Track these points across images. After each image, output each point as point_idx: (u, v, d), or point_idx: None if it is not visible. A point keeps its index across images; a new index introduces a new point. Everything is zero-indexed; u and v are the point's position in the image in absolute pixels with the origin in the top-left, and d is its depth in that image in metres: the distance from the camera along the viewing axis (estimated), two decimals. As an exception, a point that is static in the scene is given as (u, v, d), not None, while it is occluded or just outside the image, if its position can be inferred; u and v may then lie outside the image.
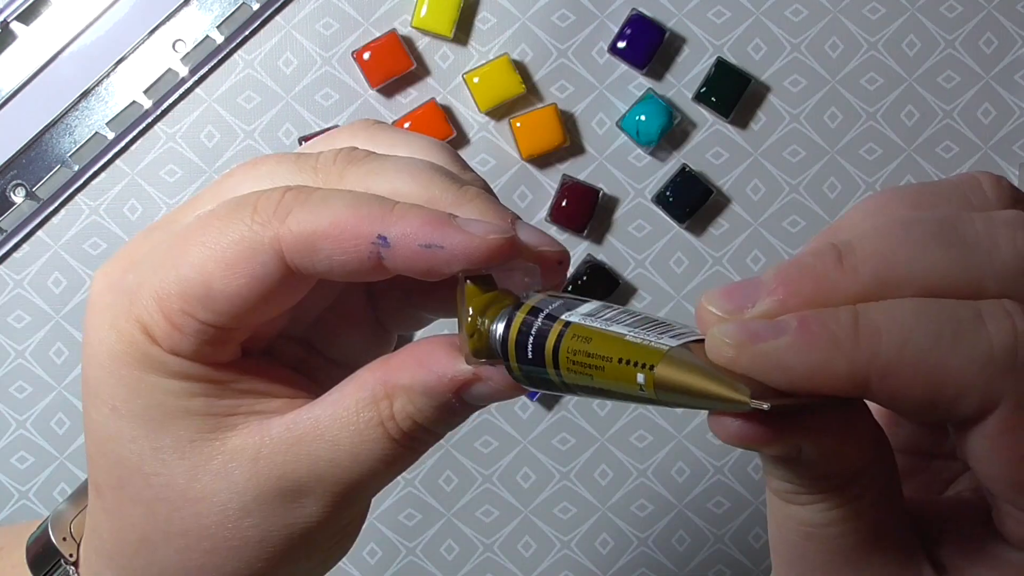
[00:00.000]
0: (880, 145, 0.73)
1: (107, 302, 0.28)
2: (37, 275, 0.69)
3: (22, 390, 0.69)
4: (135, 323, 0.28)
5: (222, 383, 0.29)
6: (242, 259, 0.27)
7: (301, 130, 0.69)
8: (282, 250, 0.26)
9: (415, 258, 0.26)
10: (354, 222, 0.26)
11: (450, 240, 0.26)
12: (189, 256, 0.27)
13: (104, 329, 0.28)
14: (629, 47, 0.69)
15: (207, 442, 0.28)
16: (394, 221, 0.26)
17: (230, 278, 0.27)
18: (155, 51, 0.68)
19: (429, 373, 0.27)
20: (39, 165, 0.68)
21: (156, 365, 0.28)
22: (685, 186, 0.70)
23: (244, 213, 0.27)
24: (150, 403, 0.28)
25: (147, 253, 0.28)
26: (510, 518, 0.73)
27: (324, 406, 0.28)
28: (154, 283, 0.27)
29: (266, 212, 0.27)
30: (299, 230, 0.26)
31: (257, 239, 0.26)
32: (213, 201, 0.28)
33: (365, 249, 0.26)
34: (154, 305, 0.27)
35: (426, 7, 0.68)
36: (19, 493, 0.70)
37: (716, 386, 0.22)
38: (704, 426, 0.73)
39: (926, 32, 0.72)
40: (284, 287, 0.27)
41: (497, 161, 0.71)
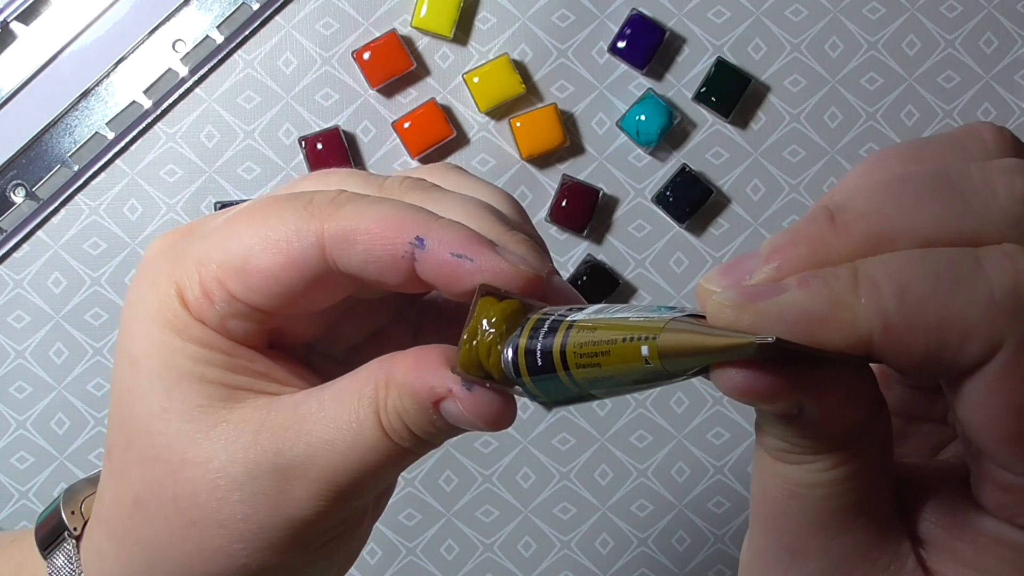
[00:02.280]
0: (880, 145, 0.73)
1: (155, 263, 0.29)
2: (37, 275, 0.69)
3: (22, 390, 0.69)
4: (173, 284, 0.28)
5: (240, 359, 0.29)
6: (284, 240, 0.27)
7: (301, 130, 0.69)
8: (324, 240, 0.27)
9: (444, 265, 0.26)
10: (396, 222, 0.27)
11: (482, 257, 0.26)
12: (237, 229, 0.28)
13: (144, 285, 0.29)
14: (629, 47, 0.69)
15: (215, 409, 0.28)
16: (435, 228, 0.27)
17: (268, 255, 0.27)
18: (155, 51, 0.68)
19: (417, 376, 0.27)
20: (39, 165, 0.68)
21: (181, 327, 0.28)
22: (685, 186, 0.70)
23: (299, 202, 0.28)
24: (168, 362, 0.28)
25: (201, 226, 0.29)
26: (510, 518, 0.73)
27: (331, 388, 0.28)
28: (200, 249, 0.28)
29: (319, 205, 0.27)
30: (344, 223, 0.27)
31: (303, 225, 0.27)
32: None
33: (401, 247, 0.27)
34: (193, 269, 0.28)
35: (426, 7, 0.68)
36: (19, 493, 0.70)
37: (719, 337, 0.22)
38: (704, 426, 0.74)
39: (926, 32, 0.72)
40: (319, 280, 0.28)
41: (497, 161, 0.71)
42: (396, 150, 0.70)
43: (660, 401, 0.73)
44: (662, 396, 0.73)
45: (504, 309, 0.26)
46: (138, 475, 0.29)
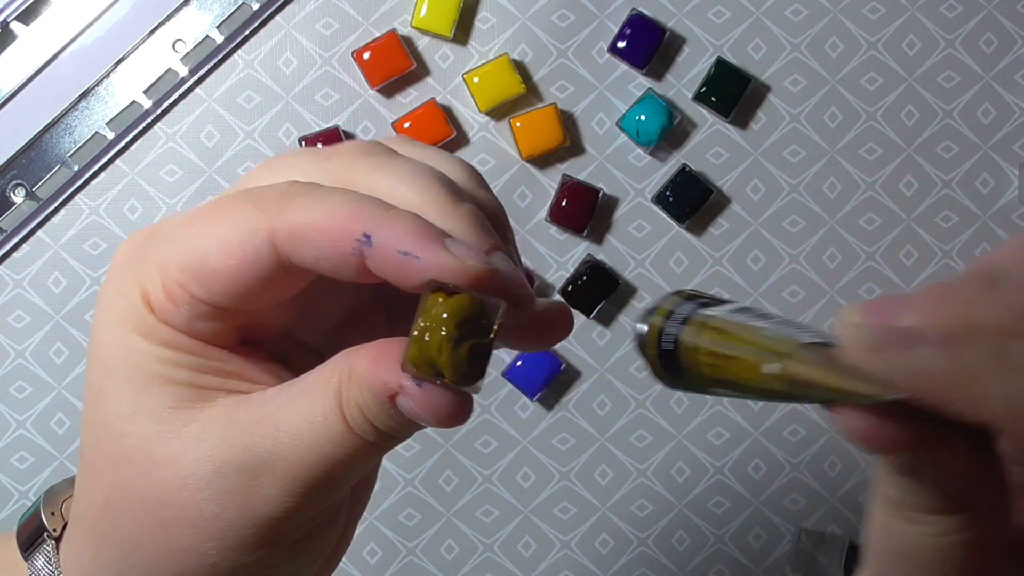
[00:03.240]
0: (880, 145, 0.73)
1: (121, 267, 0.30)
2: (37, 275, 0.69)
3: (22, 390, 0.69)
4: (138, 288, 0.29)
5: (211, 360, 0.29)
6: (237, 242, 0.27)
7: (301, 130, 0.69)
8: (275, 238, 0.27)
9: (392, 262, 0.26)
10: (345, 218, 0.26)
11: (428, 253, 0.26)
12: (193, 232, 0.28)
13: (112, 289, 0.29)
14: (629, 47, 0.69)
15: (184, 410, 0.29)
16: (382, 223, 0.26)
17: (223, 258, 0.27)
18: (155, 51, 0.68)
19: (375, 370, 0.27)
20: (39, 165, 0.68)
21: (148, 330, 0.29)
22: (685, 186, 0.70)
23: (250, 200, 0.28)
24: (137, 365, 0.29)
25: (163, 228, 0.29)
26: (510, 518, 0.73)
27: (299, 384, 0.29)
28: (160, 252, 0.28)
29: (269, 201, 0.27)
30: (294, 220, 0.27)
31: (255, 225, 0.27)
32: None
33: (349, 245, 0.26)
34: (155, 273, 0.28)
35: (426, 7, 0.68)
36: (19, 493, 0.70)
37: (848, 379, 0.22)
38: (704, 426, 0.74)
39: (926, 32, 0.72)
40: (276, 276, 0.28)
41: (497, 161, 0.71)
42: (396, 150, 0.70)
43: (660, 401, 0.73)
44: (662, 396, 0.73)
45: (454, 305, 0.26)
46: (108, 476, 0.29)
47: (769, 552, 0.75)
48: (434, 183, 0.28)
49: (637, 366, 0.73)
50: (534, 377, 0.71)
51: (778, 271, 0.73)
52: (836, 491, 0.75)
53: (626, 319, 0.73)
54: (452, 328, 0.26)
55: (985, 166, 0.73)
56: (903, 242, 0.73)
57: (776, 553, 0.75)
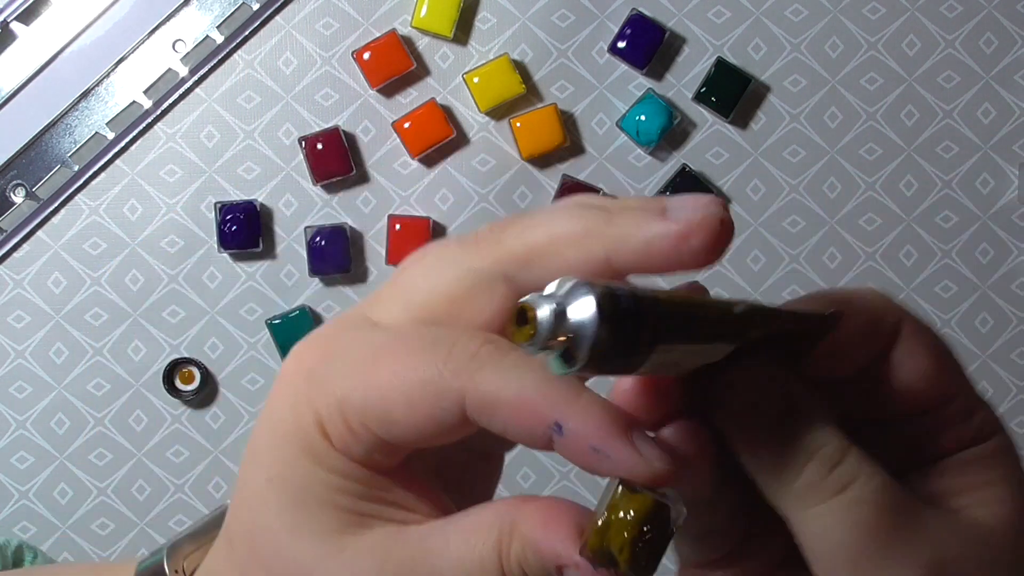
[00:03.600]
0: (880, 145, 0.73)
1: (294, 384, 0.30)
2: (37, 275, 0.69)
3: (22, 390, 0.69)
4: (313, 414, 0.29)
5: (374, 488, 0.30)
6: (426, 401, 0.28)
7: (301, 130, 0.69)
8: (464, 402, 0.28)
9: (582, 454, 0.27)
10: (537, 402, 0.27)
11: (618, 453, 0.27)
12: (378, 378, 0.28)
13: (285, 408, 0.30)
14: (629, 47, 0.69)
15: (344, 535, 0.30)
16: (574, 414, 0.27)
17: (410, 414, 0.28)
18: (155, 51, 0.68)
19: (545, 537, 0.28)
20: (39, 165, 0.68)
21: (320, 456, 0.29)
22: (685, 186, 0.70)
23: (438, 355, 0.28)
24: (303, 486, 0.30)
25: (342, 352, 0.30)
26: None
27: (456, 524, 0.29)
28: (341, 388, 0.29)
29: (459, 361, 0.28)
30: (485, 390, 0.27)
31: (445, 386, 0.28)
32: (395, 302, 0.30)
33: (540, 431, 0.27)
34: (336, 407, 0.29)
35: (426, 7, 0.68)
36: (19, 493, 0.70)
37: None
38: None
39: (926, 32, 0.72)
40: (457, 429, 0.29)
41: (497, 161, 0.71)
42: (396, 150, 0.70)
43: (660, 401, 0.73)
44: (662, 396, 0.73)
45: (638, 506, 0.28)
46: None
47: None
48: (584, 208, 0.29)
49: (637, 366, 0.73)
50: (534, 377, 0.71)
51: (778, 271, 0.73)
52: (836, 491, 0.75)
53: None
54: (635, 528, 0.27)
55: (985, 166, 0.73)
56: (903, 242, 0.73)
57: (776, 553, 0.75)
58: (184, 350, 0.70)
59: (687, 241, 0.27)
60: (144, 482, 0.71)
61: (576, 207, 0.28)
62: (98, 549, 0.71)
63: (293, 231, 0.70)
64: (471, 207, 0.71)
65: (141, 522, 0.71)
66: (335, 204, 0.70)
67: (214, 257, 0.70)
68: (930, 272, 0.74)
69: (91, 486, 0.70)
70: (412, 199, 0.71)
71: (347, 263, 0.69)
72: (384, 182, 0.70)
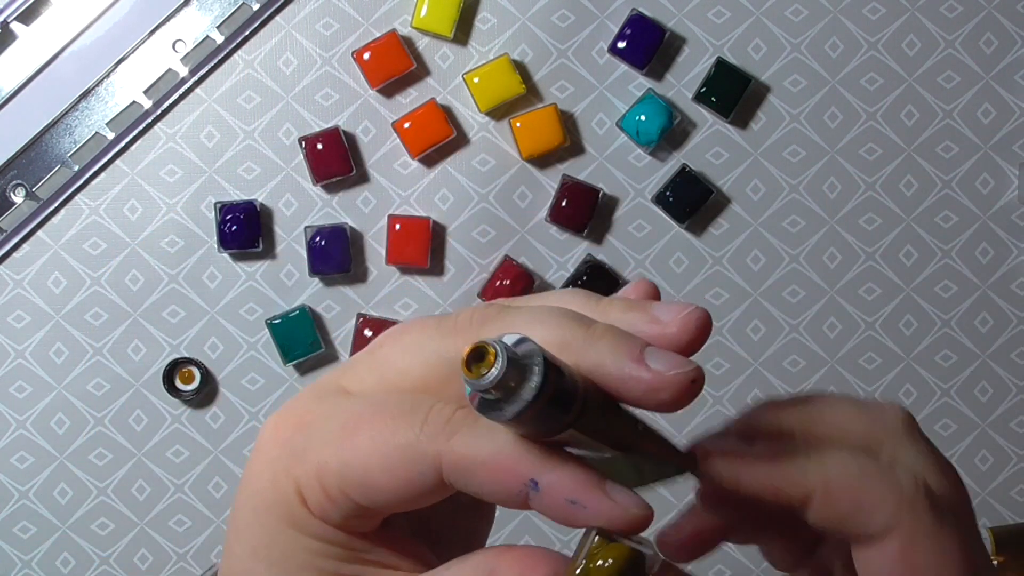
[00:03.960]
0: (880, 145, 0.73)
1: (272, 455, 0.31)
2: (37, 275, 0.69)
3: (22, 390, 0.69)
4: (292, 483, 0.30)
5: (354, 550, 0.31)
6: (403, 465, 0.29)
7: (301, 130, 0.69)
8: (441, 466, 0.29)
9: (558, 508, 0.29)
10: (512, 462, 0.28)
11: (594, 504, 0.28)
12: (356, 444, 0.29)
13: (264, 479, 0.31)
14: (629, 47, 0.69)
15: None
16: (549, 470, 0.28)
17: (389, 478, 0.29)
18: (155, 51, 0.68)
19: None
20: (39, 165, 0.68)
21: (300, 524, 0.30)
22: (685, 186, 0.70)
23: (415, 420, 0.29)
24: (286, 553, 0.31)
25: (318, 421, 0.31)
26: (511, 517, 0.73)
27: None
28: (320, 455, 0.30)
29: (435, 426, 0.29)
30: (461, 453, 0.28)
31: (421, 450, 0.29)
32: (369, 374, 0.31)
33: (516, 488, 0.29)
34: (314, 475, 0.30)
35: (426, 7, 0.68)
36: (19, 493, 0.70)
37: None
38: (704, 425, 0.73)
39: (926, 32, 0.72)
40: (435, 492, 0.30)
41: (497, 161, 0.71)
42: (396, 150, 0.70)
43: (660, 401, 0.73)
44: (662, 396, 0.73)
45: (615, 555, 0.29)
46: None
47: (769, 552, 0.75)
48: (564, 319, 0.30)
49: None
50: (534, 377, 0.71)
51: (778, 271, 0.73)
52: (836, 491, 0.75)
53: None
54: (613, 575, 0.29)
55: (985, 166, 0.73)
56: (903, 242, 0.73)
57: (776, 553, 0.75)
58: (184, 350, 0.70)
59: (656, 393, 0.28)
60: (144, 482, 0.71)
61: (559, 316, 0.29)
62: (98, 549, 0.71)
63: (293, 231, 0.70)
64: (471, 207, 0.71)
65: (141, 522, 0.71)
66: (335, 204, 0.70)
67: (214, 257, 0.70)
68: (930, 272, 0.74)
69: (91, 486, 0.70)
70: (412, 199, 0.71)
71: (347, 263, 0.69)
72: (384, 182, 0.70)
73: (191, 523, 0.71)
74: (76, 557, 0.71)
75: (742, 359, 0.73)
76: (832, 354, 0.74)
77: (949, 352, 0.74)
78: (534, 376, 0.26)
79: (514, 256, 0.71)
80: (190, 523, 0.71)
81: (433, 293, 0.71)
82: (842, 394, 0.33)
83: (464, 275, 0.71)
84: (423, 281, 0.71)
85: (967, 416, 0.75)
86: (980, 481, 0.75)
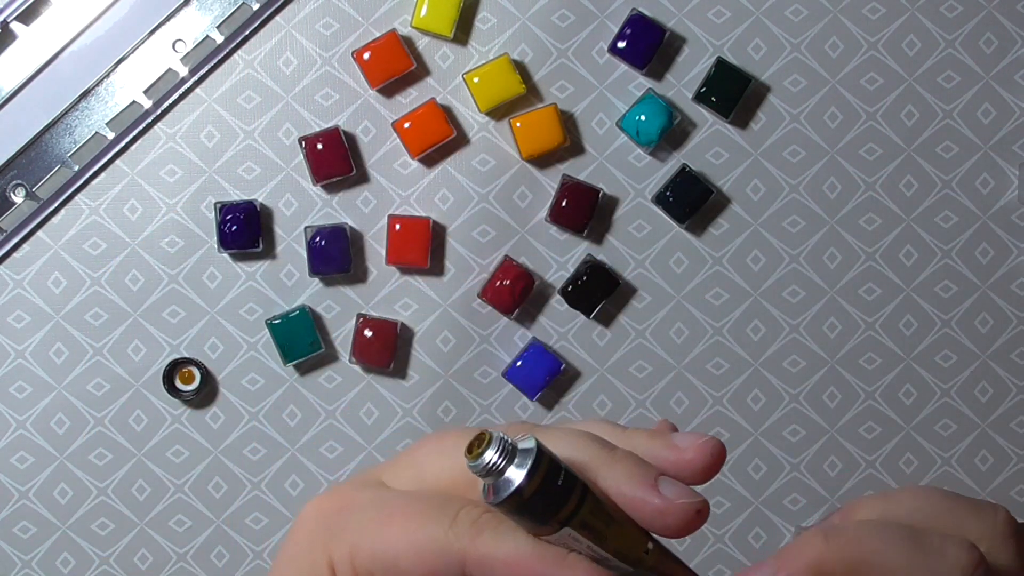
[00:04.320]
0: (880, 145, 0.73)
1: (312, 528, 0.35)
2: (37, 275, 0.69)
3: (22, 390, 0.70)
4: (326, 557, 0.33)
5: None
6: (431, 556, 0.32)
7: (301, 130, 0.69)
8: (465, 562, 0.32)
9: None
10: (529, 561, 0.31)
11: None
12: (390, 532, 0.33)
13: (301, 547, 0.34)
14: (629, 47, 0.69)
15: None
16: (562, 569, 0.31)
17: (416, 566, 0.32)
18: (155, 51, 0.68)
19: None
20: (39, 165, 0.68)
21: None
22: (685, 186, 0.70)
23: (446, 516, 0.32)
24: None
25: (357, 507, 0.34)
26: None
27: None
28: (355, 537, 0.33)
29: (462, 525, 0.32)
30: (484, 552, 0.31)
31: (448, 545, 0.32)
32: (407, 471, 0.35)
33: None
34: (347, 553, 0.33)
35: (426, 7, 0.68)
36: (19, 493, 0.70)
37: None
38: (704, 426, 0.74)
39: (926, 32, 0.72)
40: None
41: (497, 161, 0.71)
42: (396, 150, 0.70)
43: (659, 402, 0.73)
44: (662, 395, 0.73)
45: None
46: None
47: (769, 552, 0.75)
48: (587, 442, 0.33)
49: (637, 366, 0.73)
50: (534, 377, 0.71)
51: (778, 271, 0.73)
52: (836, 491, 0.75)
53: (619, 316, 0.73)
54: None
55: (985, 166, 0.73)
56: (903, 242, 0.73)
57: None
58: (184, 350, 0.70)
59: (664, 517, 0.31)
60: (144, 482, 0.71)
61: (586, 438, 0.33)
62: (98, 549, 0.71)
63: (293, 231, 0.70)
64: (471, 207, 0.71)
65: (141, 522, 0.71)
66: (335, 204, 0.70)
67: (214, 257, 0.70)
68: (930, 272, 0.74)
69: (91, 486, 0.70)
70: (412, 199, 0.71)
71: (347, 263, 0.69)
72: (384, 182, 0.70)
73: (191, 523, 0.71)
74: (76, 557, 0.71)
75: (742, 359, 0.73)
76: (832, 354, 0.74)
77: (949, 352, 0.74)
78: (527, 463, 0.29)
79: (514, 256, 0.71)
80: (190, 523, 0.71)
81: (433, 293, 0.71)
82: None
83: (464, 275, 0.71)
84: (423, 281, 0.71)
85: (967, 416, 0.75)
86: (980, 481, 0.75)
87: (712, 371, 0.73)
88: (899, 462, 0.75)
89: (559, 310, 0.72)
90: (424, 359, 0.72)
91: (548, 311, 0.72)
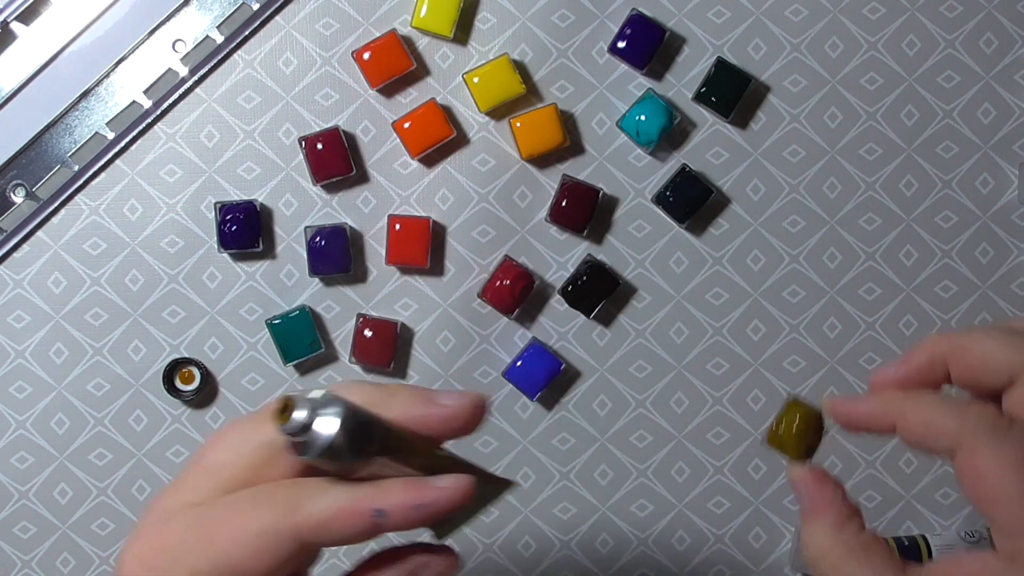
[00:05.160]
0: (880, 145, 0.73)
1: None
2: (37, 275, 0.69)
3: (22, 390, 0.70)
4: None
5: None
6: (266, 544, 0.33)
7: (301, 130, 0.69)
8: (300, 534, 0.33)
9: (410, 517, 0.33)
10: (354, 505, 0.33)
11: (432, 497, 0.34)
12: (221, 543, 0.33)
13: None
14: (629, 47, 0.69)
15: None
16: (384, 496, 0.33)
17: (256, 562, 0.33)
18: (155, 51, 0.68)
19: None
20: (39, 165, 0.68)
21: None
22: (685, 186, 0.70)
23: (261, 503, 0.33)
24: None
25: (177, 537, 0.34)
26: (511, 518, 0.73)
27: None
28: (189, 562, 0.33)
29: (284, 504, 0.33)
30: (313, 517, 0.33)
31: (279, 528, 0.33)
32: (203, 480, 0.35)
33: (367, 522, 0.33)
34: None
35: (426, 7, 0.68)
36: (19, 493, 0.70)
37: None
38: (704, 426, 0.74)
39: (926, 32, 0.72)
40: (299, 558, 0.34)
41: (497, 161, 0.71)
42: (396, 150, 0.70)
43: (660, 401, 0.73)
44: (662, 395, 0.73)
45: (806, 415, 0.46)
46: None
47: (769, 552, 0.75)
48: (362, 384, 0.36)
49: (637, 366, 0.73)
50: (534, 377, 0.71)
51: (778, 271, 0.73)
52: (836, 491, 0.75)
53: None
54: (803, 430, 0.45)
55: (985, 166, 0.73)
56: (903, 242, 0.73)
57: (776, 553, 0.75)
58: (184, 350, 0.70)
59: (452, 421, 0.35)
60: (144, 482, 0.71)
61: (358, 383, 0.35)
62: (98, 549, 0.71)
63: (293, 231, 0.70)
64: (471, 207, 0.71)
65: (141, 522, 0.71)
66: (335, 204, 0.70)
67: (214, 257, 0.70)
68: (930, 272, 0.74)
69: (91, 486, 0.70)
70: (412, 199, 0.71)
71: (347, 263, 0.69)
72: (384, 182, 0.70)
73: None
74: (76, 557, 0.71)
75: (742, 359, 0.73)
76: (832, 354, 0.74)
77: (949, 352, 0.74)
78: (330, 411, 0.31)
79: (514, 256, 0.71)
80: None
81: (433, 293, 0.71)
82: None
83: (464, 275, 0.71)
84: (423, 281, 0.71)
85: (967, 416, 0.75)
86: (980, 481, 0.75)
87: (712, 371, 0.73)
88: (899, 462, 0.75)
89: (559, 310, 0.72)
90: (424, 359, 0.72)
91: (548, 311, 0.72)
